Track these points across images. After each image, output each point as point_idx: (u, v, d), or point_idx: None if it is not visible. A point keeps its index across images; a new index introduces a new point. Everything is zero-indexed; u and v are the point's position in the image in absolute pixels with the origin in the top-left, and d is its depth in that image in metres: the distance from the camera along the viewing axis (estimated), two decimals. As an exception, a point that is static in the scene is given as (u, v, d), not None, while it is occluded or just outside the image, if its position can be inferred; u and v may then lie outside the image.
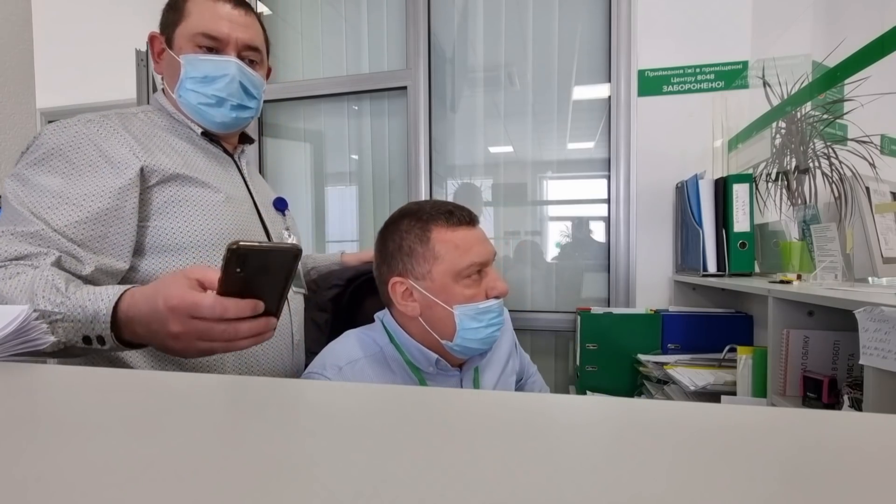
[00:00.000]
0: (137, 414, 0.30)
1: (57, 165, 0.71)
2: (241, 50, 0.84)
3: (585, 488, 0.20)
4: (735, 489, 0.19)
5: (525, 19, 1.88)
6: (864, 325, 0.64)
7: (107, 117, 0.78)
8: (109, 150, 0.73)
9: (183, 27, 0.83)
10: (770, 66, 1.49)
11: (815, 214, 1.21)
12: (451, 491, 0.20)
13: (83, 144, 0.73)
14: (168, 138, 0.83)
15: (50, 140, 0.72)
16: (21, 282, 0.60)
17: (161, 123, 0.85)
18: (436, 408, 0.31)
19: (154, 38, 0.87)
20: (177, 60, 0.82)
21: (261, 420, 0.29)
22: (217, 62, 0.82)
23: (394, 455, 0.23)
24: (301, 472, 0.21)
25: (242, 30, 0.84)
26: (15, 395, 0.34)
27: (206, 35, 0.81)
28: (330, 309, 1.05)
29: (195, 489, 0.20)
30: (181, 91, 0.83)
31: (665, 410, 0.29)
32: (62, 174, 0.70)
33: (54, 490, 0.20)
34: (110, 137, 0.75)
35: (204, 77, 0.82)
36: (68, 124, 0.75)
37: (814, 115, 1.33)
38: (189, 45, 0.82)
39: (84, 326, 0.57)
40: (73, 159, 0.72)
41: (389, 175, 2.00)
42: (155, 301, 0.54)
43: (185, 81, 0.82)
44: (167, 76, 0.87)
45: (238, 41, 0.83)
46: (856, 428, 0.26)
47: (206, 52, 0.82)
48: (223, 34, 0.82)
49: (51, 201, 0.68)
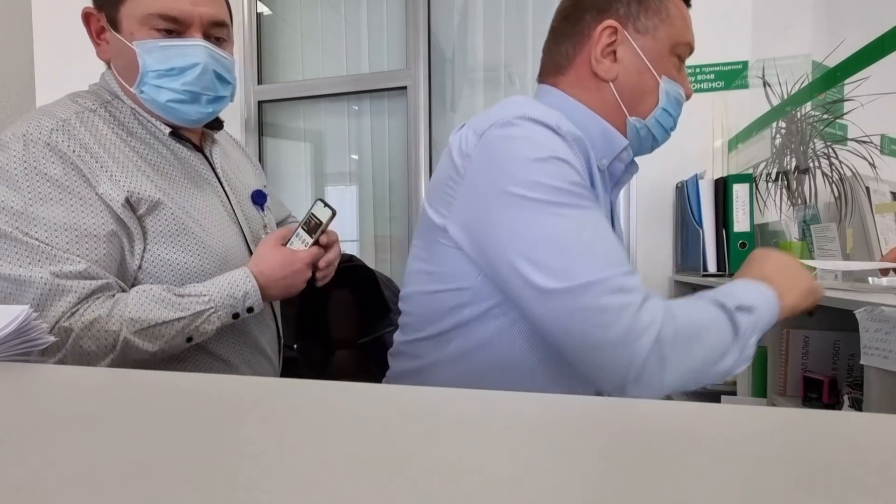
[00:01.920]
0: (137, 414, 0.30)
1: (49, 193, 0.62)
2: (206, 28, 0.70)
3: (585, 488, 0.20)
4: (735, 489, 0.19)
5: (525, 19, 1.88)
6: (864, 325, 0.64)
7: (71, 127, 0.66)
8: (93, 180, 0.65)
9: (131, 5, 0.67)
10: (770, 66, 1.49)
11: (815, 214, 1.21)
12: (452, 490, 0.20)
13: (67, 171, 0.63)
14: (138, 147, 0.72)
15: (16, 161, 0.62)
16: (136, 302, 0.64)
17: (125, 124, 0.72)
18: (436, 407, 0.31)
19: (90, 15, 0.71)
20: (129, 48, 0.67)
21: (261, 420, 0.29)
22: (183, 49, 0.69)
23: (395, 454, 0.23)
24: (301, 472, 0.21)
25: (205, 3, 0.69)
26: (15, 395, 0.34)
27: (164, 16, 0.67)
28: (297, 303, 1.01)
29: (195, 489, 0.20)
30: (143, 87, 0.70)
31: (665, 410, 0.29)
32: (61, 204, 0.63)
33: (54, 490, 0.20)
34: (87, 162, 0.65)
35: (170, 69, 0.69)
36: (31, 139, 0.63)
37: (814, 115, 1.34)
38: (142, 28, 0.67)
39: (236, 304, 0.71)
40: (65, 185, 0.63)
41: (389, 175, 2.01)
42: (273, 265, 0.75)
43: (147, 75, 0.69)
44: (118, 67, 0.72)
45: (202, 18, 0.69)
46: (856, 428, 0.26)
47: (165, 35, 0.68)
48: (185, 12, 0.68)
49: (69, 235, 0.62)
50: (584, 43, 0.65)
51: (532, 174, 0.54)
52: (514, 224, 0.54)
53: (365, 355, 1.02)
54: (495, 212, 0.55)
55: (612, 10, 0.64)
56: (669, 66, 0.65)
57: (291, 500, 0.19)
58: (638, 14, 0.63)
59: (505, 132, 0.56)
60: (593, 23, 0.64)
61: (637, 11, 0.63)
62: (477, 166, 0.57)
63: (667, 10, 0.65)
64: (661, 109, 0.66)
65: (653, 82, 0.64)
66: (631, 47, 0.63)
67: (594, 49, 0.64)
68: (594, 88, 0.65)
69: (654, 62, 0.64)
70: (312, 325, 0.98)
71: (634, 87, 0.64)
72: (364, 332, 1.03)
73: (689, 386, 0.57)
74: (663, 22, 0.64)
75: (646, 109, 0.66)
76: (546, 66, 0.70)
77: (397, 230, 2.00)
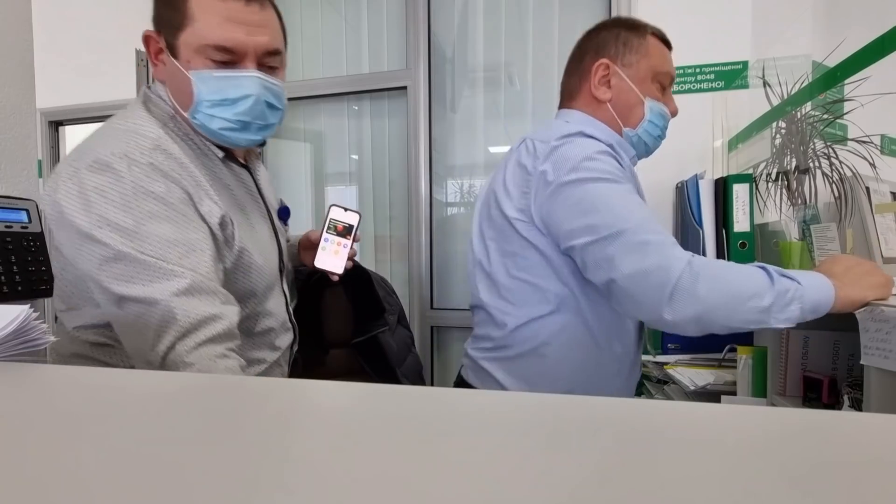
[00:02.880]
0: (137, 414, 0.30)
1: (157, 210, 0.64)
2: (260, 58, 0.72)
3: (585, 488, 0.20)
4: (735, 489, 0.19)
5: (525, 19, 1.88)
6: (864, 325, 0.64)
7: (166, 146, 0.68)
8: (195, 198, 0.68)
9: (188, 34, 0.69)
10: (770, 66, 1.49)
11: (815, 214, 1.21)
12: (453, 490, 0.19)
13: (170, 189, 0.65)
14: (210, 166, 0.75)
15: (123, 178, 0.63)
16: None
17: (195, 142, 0.75)
18: (436, 407, 0.31)
19: (150, 38, 0.74)
20: (185, 75, 0.70)
21: (261, 420, 0.29)
22: (237, 80, 0.70)
23: (395, 455, 0.23)
24: (302, 472, 0.21)
25: (260, 32, 0.70)
26: (15, 395, 0.34)
27: (220, 48, 0.69)
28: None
29: (195, 489, 0.20)
30: (197, 115, 0.72)
31: (665, 410, 0.29)
32: (168, 220, 0.64)
33: (55, 490, 0.20)
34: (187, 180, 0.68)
35: (223, 99, 0.70)
36: (135, 160, 0.65)
37: (814, 115, 1.33)
38: (198, 57, 0.69)
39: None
40: (170, 202, 0.65)
41: (389, 175, 2.00)
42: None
43: (201, 104, 0.71)
44: (173, 89, 0.74)
45: (257, 48, 0.71)
46: (856, 428, 0.26)
47: (220, 65, 0.70)
48: (240, 43, 0.69)
49: (179, 250, 0.64)
50: (586, 76, 0.88)
51: (589, 164, 0.75)
52: (578, 196, 0.74)
53: (359, 355, 1.02)
54: (566, 191, 0.75)
55: (604, 51, 0.87)
56: (652, 89, 0.87)
57: (291, 499, 0.19)
58: (624, 53, 0.86)
59: (567, 140, 0.78)
60: (591, 61, 0.88)
61: (623, 51, 0.86)
62: (549, 165, 0.77)
63: (646, 49, 0.86)
64: (647, 121, 0.87)
65: (639, 102, 0.86)
66: (620, 77, 0.86)
67: (593, 79, 0.87)
68: (597, 108, 0.88)
69: (639, 86, 0.86)
70: (306, 325, 0.98)
71: (625, 106, 0.86)
72: (358, 331, 1.03)
73: (724, 316, 0.66)
74: (644, 57, 0.86)
75: (635, 122, 0.87)
76: (563, 95, 0.95)
77: (397, 230, 2.00)
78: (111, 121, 0.72)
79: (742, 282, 0.66)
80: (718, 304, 0.65)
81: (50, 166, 2.28)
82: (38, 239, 1.22)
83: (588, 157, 0.75)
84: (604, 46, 0.86)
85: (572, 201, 0.74)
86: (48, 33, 2.20)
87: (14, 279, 1.15)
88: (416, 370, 1.15)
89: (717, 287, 0.65)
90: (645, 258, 0.67)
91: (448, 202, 2.02)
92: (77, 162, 0.65)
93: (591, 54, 0.88)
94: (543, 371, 0.83)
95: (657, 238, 0.68)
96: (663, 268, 0.66)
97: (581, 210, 0.73)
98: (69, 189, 0.64)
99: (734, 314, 0.65)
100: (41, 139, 2.22)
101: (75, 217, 0.62)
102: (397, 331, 1.13)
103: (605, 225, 0.71)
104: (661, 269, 0.66)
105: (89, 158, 0.65)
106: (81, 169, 0.64)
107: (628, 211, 0.72)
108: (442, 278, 2.00)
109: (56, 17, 2.24)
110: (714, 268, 0.67)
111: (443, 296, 2.00)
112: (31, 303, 0.88)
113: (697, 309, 0.65)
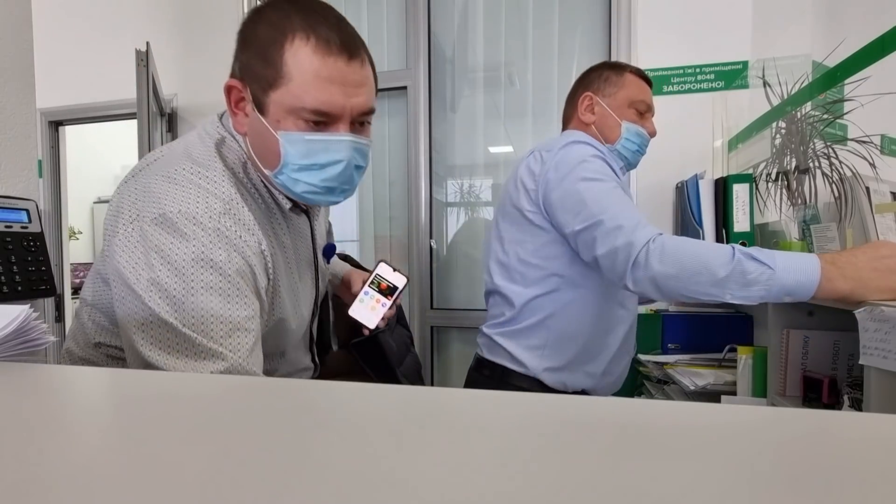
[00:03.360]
0: (138, 414, 0.30)
1: (211, 281, 0.59)
2: (355, 119, 0.66)
3: (585, 488, 0.20)
4: (735, 489, 0.19)
5: (525, 19, 1.88)
6: (864, 325, 0.64)
7: (236, 210, 0.63)
8: (254, 270, 0.63)
9: (282, 94, 0.62)
10: (770, 66, 1.49)
11: (815, 214, 1.21)
12: (452, 490, 0.20)
13: (231, 258, 0.61)
14: (269, 217, 0.71)
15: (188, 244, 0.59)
16: None
17: (261, 192, 0.71)
18: (437, 407, 0.31)
19: (233, 89, 0.67)
20: (272, 134, 0.64)
21: (261, 420, 0.29)
22: (328, 143, 0.65)
23: (394, 455, 0.23)
24: (302, 472, 0.21)
25: (359, 93, 0.65)
26: (15, 395, 0.34)
27: (316, 111, 0.62)
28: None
29: (195, 489, 0.20)
30: (280, 176, 0.66)
31: (665, 410, 0.29)
32: (220, 294, 0.59)
33: (55, 490, 0.20)
34: (250, 246, 0.63)
35: (312, 164, 0.65)
36: (202, 224, 0.60)
37: (814, 115, 1.33)
38: (290, 118, 0.63)
39: None
40: (228, 274, 0.60)
41: (389, 175, 2.01)
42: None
43: (287, 167, 0.65)
44: (256, 144, 0.68)
45: (353, 110, 0.65)
46: (856, 428, 0.26)
47: (313, 125, 0.64)
48: (338, 107, 0.63)
49: (224, 328, 0.60)
50: (576, 105, 1.10)
51: (583, 166, 0.93)
52: (572, 193, 0.92)
53: (359, 356, 1.02)
54: (564, 188, 0.94)
55: (590, 86, 1.09)
56: (629, 114, 1.06)
57: (291, 499, 0.19)
58: (604, 87, 1.07)
59: (566, 148, 0.98)
60: (579, 94, 1.10)
61: (604, 86, 1.07)
62: (552, 167, 0.97)
63: (623, 83, 1.07)
64: (623, 139, 1.06)
65: (617, 124, 1.06)
66: (602, 105, 1.07)
67: (580, 108, 1.09)
68: (585, 129, 1.09)
69: (616, 112, 1.06)
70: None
71: (605, 127, 1.07)
72: (357, 331, 1.03)
73: (678, 285, 0.79)
74: (621, 89, 1.06)
75: (614, 140, 1.07)
76: (563, 119, 1.17)
77: (397, 230, 2.00)
78: (182, 162, 0.66)
79: (699, 257, 0.77)
80: (671, 273, 0.78)
81: (50, 166, 2.28)
82: (38, 239, 1.22)
83: (582, 160, 0.94)
84: (590, 83, 1.09)
85: (567, 197, 0.93)
86: (48, 33, 2.20)
87: (14, 279, 1.15)
88: (416, 370, 1.16)
89: (671, 260, 0.79)
90: (616, 239, 0.84)
91: (448, 202, 2.02)
92: (142, 206, 0.61)
93: (580, 89, 1.11)
94: (548, 341, 1.01)
95: (629, 223, 0.84)
96: (629, 244, 0.82)
97: (573, 203, 0.92)
98: (128, 235, 0.60)
99: (688, 284, 0.78)
100: (41, 139, 2.22)
101: (126, 269, 0.59)
102: (396, 330, 1.13)
103: (590, 215, 0.88)
104: (627, 246, 0.82)
105: (156, 210, 0.60)
106: (146, 219, 0.60)
107: (609, 203, 0.88)
108: (442, 278, 2.01)
109: (56, 17, 2.24)
110: (674, 244, 0.80)
111: (443, 296, 2.00)
112: (31, 303, 0.88)
113: (651, 276, 0.80)
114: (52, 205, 2.32)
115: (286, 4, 0.64)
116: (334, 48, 0.62)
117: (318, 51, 0.62)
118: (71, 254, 2.67)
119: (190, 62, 2.14)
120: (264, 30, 0.63)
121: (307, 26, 0.62)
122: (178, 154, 0.67)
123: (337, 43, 0.62)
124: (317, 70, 0.61)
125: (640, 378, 1.48)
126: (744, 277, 0.74)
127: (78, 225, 4.11)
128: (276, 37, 0.62)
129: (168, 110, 2.12)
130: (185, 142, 0.70)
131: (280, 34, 0.62)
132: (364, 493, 0.19)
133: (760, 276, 0.73)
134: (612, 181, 0.92)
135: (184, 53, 2.14)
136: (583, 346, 1.01)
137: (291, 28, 0.62)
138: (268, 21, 0.64)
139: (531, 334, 1.01)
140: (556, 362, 1.01)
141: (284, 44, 0.62)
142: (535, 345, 1.01)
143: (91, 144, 4.04)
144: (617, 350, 1.05)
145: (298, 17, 0.62)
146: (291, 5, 0.64)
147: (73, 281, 2.71)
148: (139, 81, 1.76)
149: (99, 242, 0.67)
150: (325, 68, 0.62)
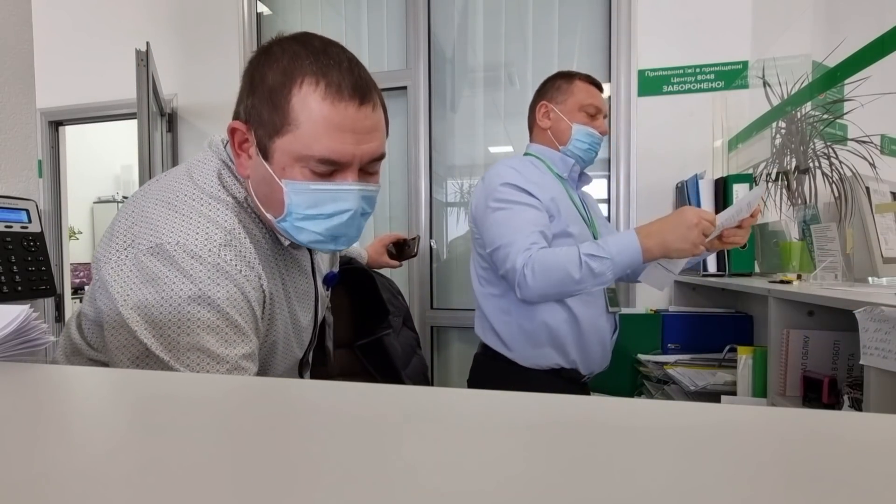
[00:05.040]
0: (138, 414, 0.30)
1: (207, 320, 0.57)
2: (363, 166, 0.63)
3: (585, 488, 0.20)
4: (735, 489, 0.19)
5: (525, 19, 1.88)
6: (864, 325, 0.64)
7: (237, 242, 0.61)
8: (253, 304, 0.61)
9: (289, 140, 0.59)
10: (770, 66, 1.49)
11: (815, 214, 1.21)
12: (452, 491, 0.20)
13: (231, 294, 0.58)
14: (271, 250, 0.68)
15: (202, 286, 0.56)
16: None
17: (256, 238, 0.67)
18: (437, 407, 0.31)
19: (236, 131, 0.63)
20: (277, 183, 0.60)
21: (260, 420, 0.29)
22: (336, 194, 0.61)
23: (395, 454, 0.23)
24: (301, 472, 0.21)
25: (369, 139, 0.61)
26: (15, 395, 0.34)
27: (324, 160, 0.59)
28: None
29: (195, 489, 0.20)
30: (283, 223, 0.63)
31: (665, 410, 0.29)
32: (215, 333, 0.57)
33: (55, 490, 0.20)
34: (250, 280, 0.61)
35: (317, 214, 0.62)
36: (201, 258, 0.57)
37: (814, 115, 1.34)
38: (296, 166, 0.60)
39: None
40: (225, 312, 0.58)
41: (389, 175, 2.01)
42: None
43: (291, 215, 0.62)
44: (259, 190, 0.64)
45: (363, 158, 0.61)
46: (856, 428, 0.26)
47: (319, 176, 0.61)
48: (347, 155, 0.60)
49: (219, 367, 0.57)
50: (535, 114, 1.22)
51: (493, 195, 1.09)
52: (484, 222, 1.10)
53: (363, 357, 1.02)
54: (478, 215, 1.14)
55: (545, 96, 1.20)
56: (580, 117, 1.17)
57: (291, 499, 0.19)
58: (557, 95, 1.19)
59: (486, 176, 1.15)
60: (536, 104, 1.22)
61: (556, 94, 1.19)
62: (476, 195, 1.16)
63: (572, 90, 1.18)
64: (574, 139, 1.17)
65: (568, 127, 1.17)
66: (555, 112, 1.19)
67: (537, 115, 1.21)
68: (542, 134, 1.22)
69: (568, 116, 1.17)
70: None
71: (558, 130, 1.19)
72: (362, 333, 1.03)
73: (553, 293, 1.00)
74: (571, 96, 1.17)
75: (566, 141, 1.18)
76: (528, 127, 1.28)
77: (397, 230, 2.00)
78: (184, 184, 0.63)
79: (560, 269, 0.96)
80: (543, 286, 0.97)
81: (50, 166, 2.28)
82: (38, 239, 1.22)
83: (493, 189, 1.09)
84: (545, 92, 1.21)
85: (480, 223, 1.12)
86: (48, 33, 2.20)
87: (14, 279, 1.15)
88: (422, 372, 1.16)
89: (541, 277, 0.97)
90: (505, 263, 1.01)
91: (448, 202, 2.02)
92: (138, 232, 0.58)
93: (537, 99, 1.24)
94: (514, 330, 1.14)
95: (514, 248, 1.00)
96: (513, 268, 1.00)
97: (483, 229, 1.10)
98: (121, 263, 0.57)
99: (559, 290, 0.98)
100: (41, 139, 2.23)
101: (119, 302, 0.56)
102: (402, 332, 1.13)
103: (491, 241, 1.06)
104: (512, 270, 1.00)
105: (152, 239, 0.57)
106: (141, 247, 0.57)
107: (505, 230, 1.04)
108: (442, 278, 2.01)
109: (56, 17, 2.24)
110: (541, 260, 0.97)
111: (443, 296, 2.00)
112: (31, 303, 0.88)
113: (531, 293, 0.99)
114: (52, 205, 2.32)
115: (295, 45, 0.60)
116: (345, 93, 0.58)
117: (328, 96, 0.58)
118: (71, 254, 2.67)
119: (190, 62, 2.14)
120: (271, 73, 0.60)
121: (316, 70, 0.58)
122: (181, 175, 0.65)
123: (348, 88, 0.59)
124: (326, 116, 0.58)
125: (640, 378, 1.48)
126: (592, 273, 0.95)
127: (78, 225, 4.11)
128: (283, 81, 0.59)
129: (168, 110, 2.12)
130: (188, 164, 0.68)
131: (288, 78, 0.59)
132: (364, 493, 0.19)
133: (604, 267, 0.95)
134: (515, 205, 1.06)
135: (184, 53, 2.14)
136: (545, 338, 1.12)
137: (301, 72, 0.58)
138: (275, 63, 0.60)
139: (497, 329, 1.16)
140: (523, 352, 1.12)
141: (293, 88, 0.58)
142: (503, 337, 1.16)
143: (91, 144, 4.04)
144: (582, 337, 1.12)
145: (308, 60, 0.59)
146: (301, 46, 0.60)
147: (72, 281, 2.70)
148: (139, 81, 1.76)
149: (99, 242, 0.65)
150: (335, 115, 0.58)
